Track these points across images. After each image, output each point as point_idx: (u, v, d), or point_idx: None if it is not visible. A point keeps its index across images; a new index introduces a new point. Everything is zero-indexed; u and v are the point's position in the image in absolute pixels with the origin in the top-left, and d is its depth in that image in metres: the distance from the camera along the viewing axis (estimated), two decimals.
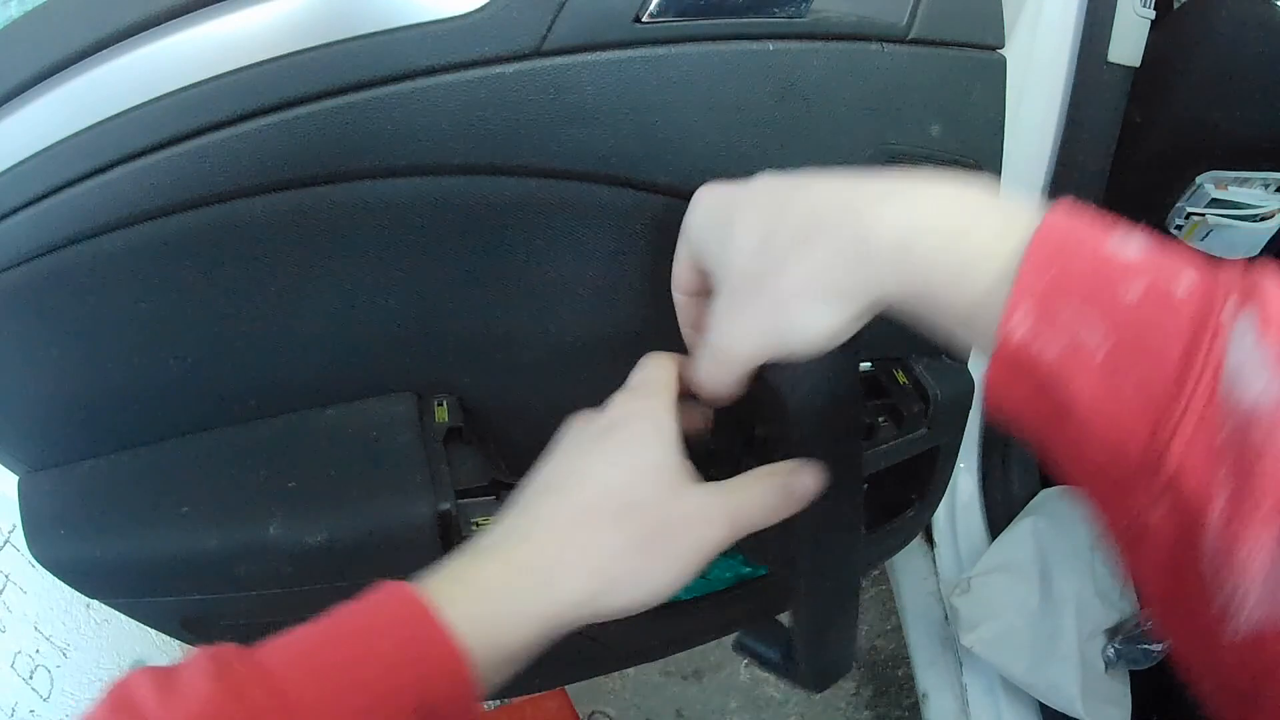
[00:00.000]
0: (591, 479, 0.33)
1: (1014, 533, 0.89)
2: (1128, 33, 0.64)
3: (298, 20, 0.41)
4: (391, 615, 0.29)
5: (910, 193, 0.28)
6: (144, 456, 0.54)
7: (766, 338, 0.32)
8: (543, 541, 0.32)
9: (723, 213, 0.34)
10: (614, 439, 0.35)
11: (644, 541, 0.32)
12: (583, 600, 0.32)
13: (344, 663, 0.28)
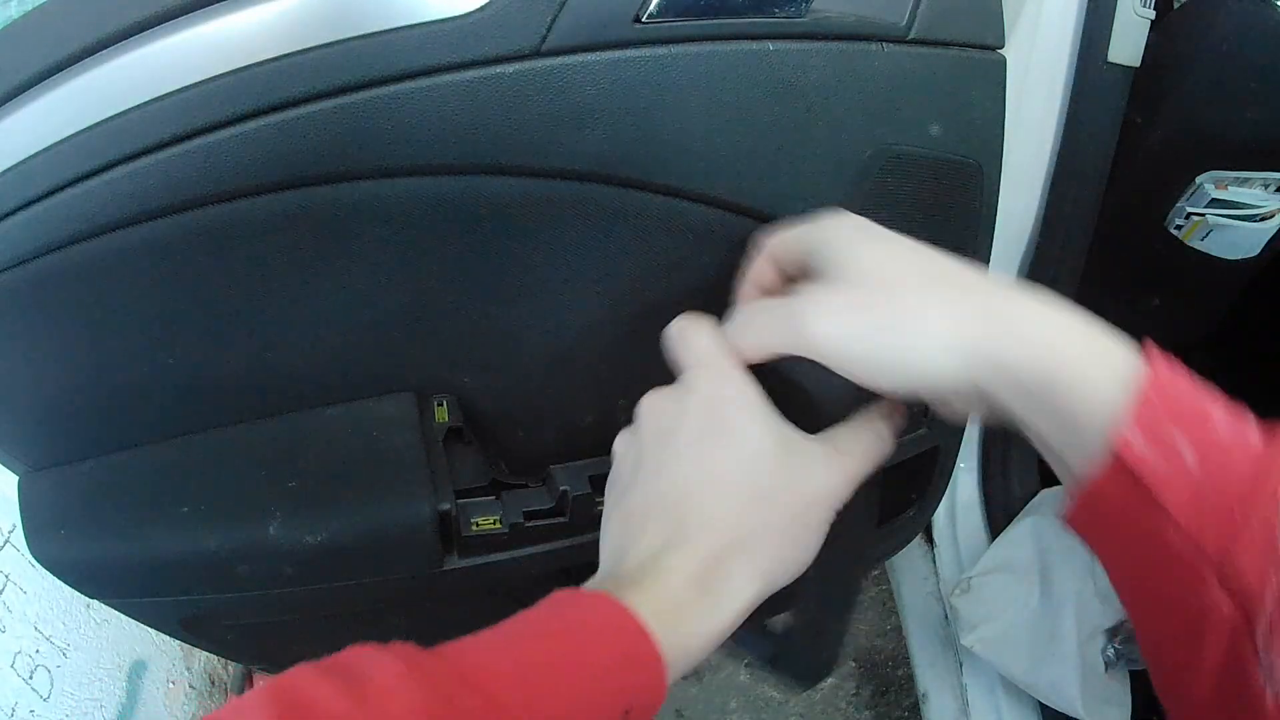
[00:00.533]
0: (720, 471, 0.33)
1: (1014, 533, 0.89)
2: (1128, 33, 0.64)
3: (298, 20, 0.41)
4: (601, 622, 0.29)
5: (1034, 301, 0.31)
6: (144, 456, 0.54)
7: (868, 345, 0.31)
8: (702, 545, 0.32)
9: (854, 227, 0.35)
10: (717, 438, 0.34)
11: (787, 528, 0.33)
12: (751, 604, 0.33)
13: (550, 665, 0.28)
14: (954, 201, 0.55)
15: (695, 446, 0.34)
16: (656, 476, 0.35)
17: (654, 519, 0.34)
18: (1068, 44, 0.64)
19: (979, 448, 0.90)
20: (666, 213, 0.48)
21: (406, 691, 0.25)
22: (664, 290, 0.52)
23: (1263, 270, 0.87)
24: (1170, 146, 0.78)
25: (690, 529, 0.32)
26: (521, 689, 0.27)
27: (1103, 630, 0.84)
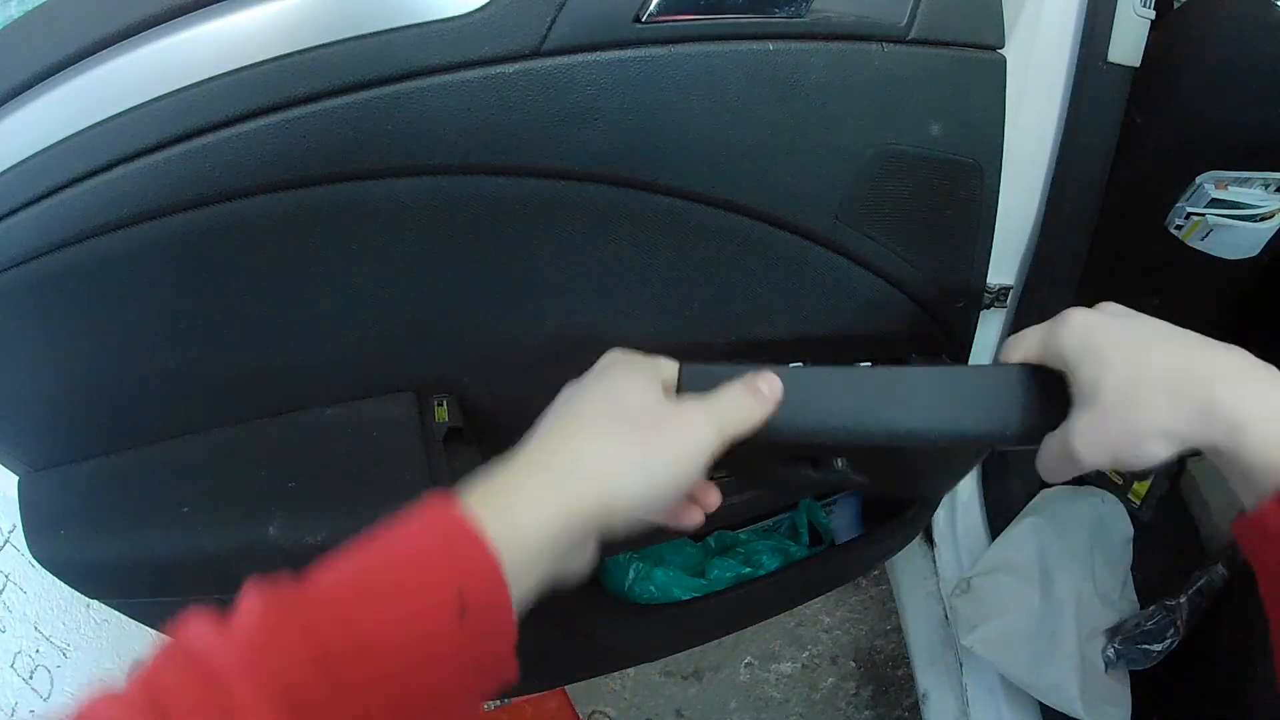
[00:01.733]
0: (591, 397, 0.38)
1: (1014, 533, 0.89)
2: (1128, 33, 0.64)
3: (298, 20, 0.41)
4: (427, 519, 0.32)
5: (1245, 379, 0.37)
6: (144, 456, 0.54)
7: (1115, 456, 0.39)
8: (554, 445, 0.36)
9: (1093, 339, 0.40)
10: (606, 376, 0.39)
11: (643, 436, 0.36)
12: (595, 490, 0.34)
13: (378, 561, 0.31)
14: (954, 201, 0.55)
15: (578, 388, 0.39)
16: (545, 415, 0.39)
17: (542, 428, 0.37)
18: (1068, 44, 0.64)
19: None
20: (666, 212, 0.48)
21: (255, 610, 0.29)
22: (663, 290, 0.52)
23: (1263, 270, 0.87)
24: (1170, 146, 0.78)
25: (557, 429, 0.36)
26: (354, 589, 0.30)
27: (1103, 630, 0.84)
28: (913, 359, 0.60)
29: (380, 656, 0.28)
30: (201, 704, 0.26)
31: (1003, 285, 0.76)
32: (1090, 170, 0.69)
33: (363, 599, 0.29)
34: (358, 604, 0.29)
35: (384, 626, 0.29)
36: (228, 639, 0.28)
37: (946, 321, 0.60)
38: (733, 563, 0.95)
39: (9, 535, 0.88)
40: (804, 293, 0.54)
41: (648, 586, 0.89)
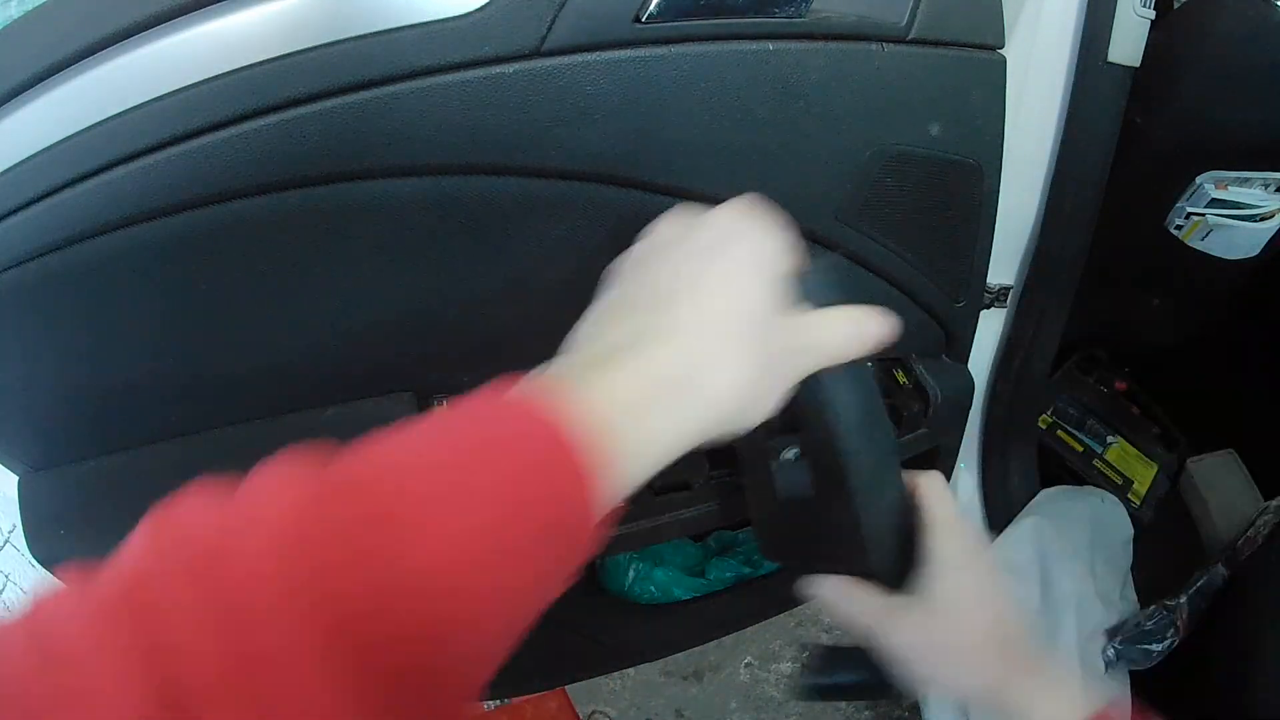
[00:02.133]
0: (724, 288, 0.31)
1: (1014, 533, 0.89)
2: (1128, 33, 0.64)
3: (298, 20, 0.41)
4: (519, 430, 0.26)
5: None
6: (144, 456, 0.54)
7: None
8: (686, 349, 0.29)
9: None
10: (734, 251, 0.32)
11: (770, 360, 0.31)
12: (712, 419, 0.30)
13: (461, 475, 0.24)
14: (954, 201, 0.55)
15: (694, 257, 0.32)
16: (643, 276, 0.33)
17: (640, 308, 0.31)
18: (1068, 44, 0.64)
19: (979, 448, 0.90)
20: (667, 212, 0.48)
21: (290, 498, 0.23)
22: None
23: (1263, 270, 0.87)
24: (1170, 146, 0.78)
25: (678, 324, 0.30)
26: (423, 494, 0.24)
27: (1103, 631, 0.84)
28: (913, 359, 0.60)
29: (435, 577, 0.23)
30: (204, 609, 0.20)
31: (1003, 285, 0.76)
32: (1090, 170, 0.69)
33: (430, 508, 0.24)
34: (422, 512, 0.23)
35: (447, 544, 0.23)
36: (239, 534, 0.22)
37: (946, 321, 0.60)
38: (733, 563, 0.95)
39: (9, 535, 0.88)
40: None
41: (648, 586, 0.89)
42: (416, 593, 0.23)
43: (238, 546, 0.22)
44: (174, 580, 0.21)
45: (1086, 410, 1.07)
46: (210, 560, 0.21)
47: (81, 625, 0.20)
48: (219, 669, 0.20)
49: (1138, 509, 1.00)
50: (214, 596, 0.21)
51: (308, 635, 0.21)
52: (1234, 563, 0.86)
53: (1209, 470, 1.05)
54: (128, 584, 0.21)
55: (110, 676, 0.19)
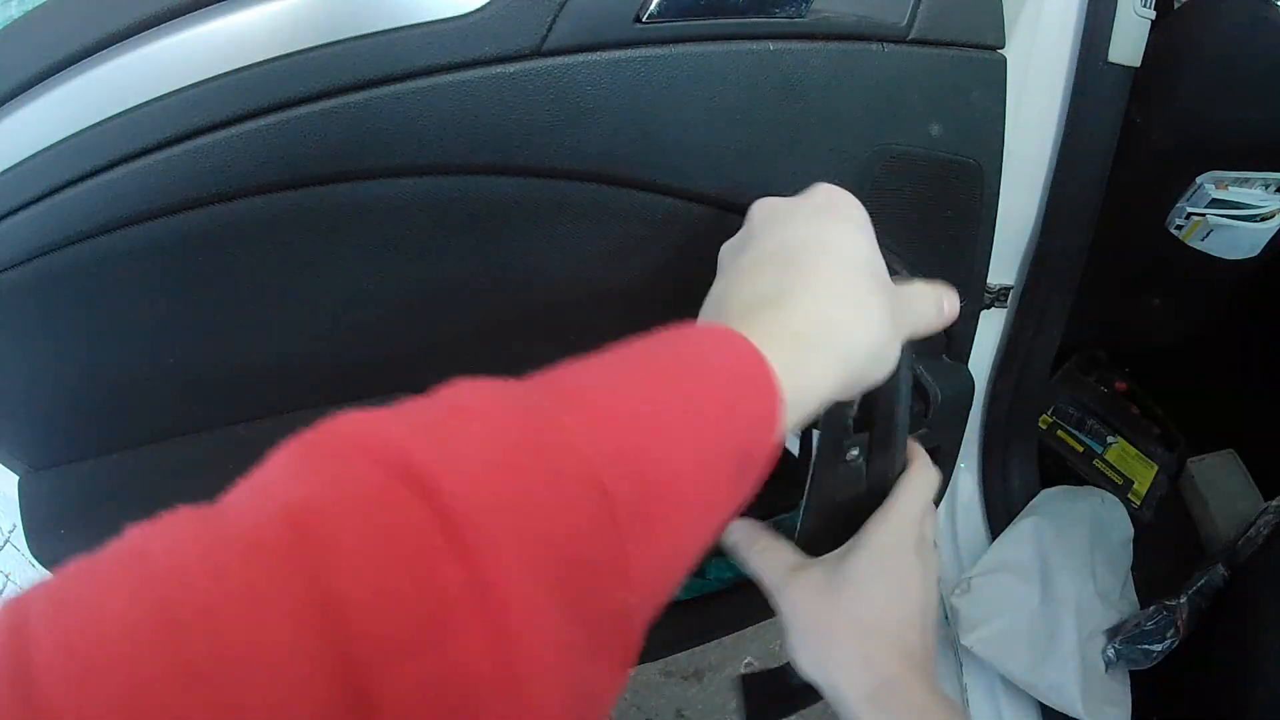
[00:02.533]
0: (847, 247, 0.33)
1: (1014, 533, 0.89)
2: (1128, 33, 0.63)
3: (298, 20, 0.41)
4: (719, 354, 0.27)
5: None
6: (144, 456, 0.54)
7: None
8: (828, 302, 0.31)
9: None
10: (838, 215, 0.34)
11: (892, 319, 0.33)
12: (862, 369, 0.31)
13: (677, 405, 0.24)
14: (954, 201, 0.55)
15: (813, 219, 0.34)
16: (769, 238, 0.34)
17: (769, 267, 0.32)
18: (1068, 44, 0.64)
19: (979, 448, 0.90)
20: (667, 212, 0.48)
21: (501, 412, 0.21)
22: (664, 289, 0.52)
23: (1263, 270, 0.87)
24: (1170, 146, 0.78)
25: (808, 279, 0.31)
26: (634, 424, 0.23)
27: (1103, 630, 0.84)
28: (913, 359, 0.60)
29: (667, 507, 0.22)
30: (417, 547, 0.17)
31: (1003, 285, 0.75)
32: (1090, 170, 0.69)
33: (652, 436, 0.23)
34: (646, 439, 0.23)
35: (674, 474, 0.23)
36: (466, 468, 0.18)
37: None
38: (733, 562, 0.94)
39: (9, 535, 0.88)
40: None
41: None
42: (638, 512, 0.21)
43: (447, 485, 0.18)
44: (346, 516, 0.17)
45: (1086, 410, 1.07)
46: (399, 502, 0.17)
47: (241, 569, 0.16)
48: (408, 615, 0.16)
49: (1138, 509, 1.00)
50: (403, 547, 0.17)
51: (540, 584, 0.18)
52: (1234, 563, 0.86)
53: (1209, 470, 1.05)
54: (293, 516, 0.17)
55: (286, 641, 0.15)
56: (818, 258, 0.32)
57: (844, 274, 0.32)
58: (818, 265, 0.31)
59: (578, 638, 0.19)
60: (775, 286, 0.31)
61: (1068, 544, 0.88)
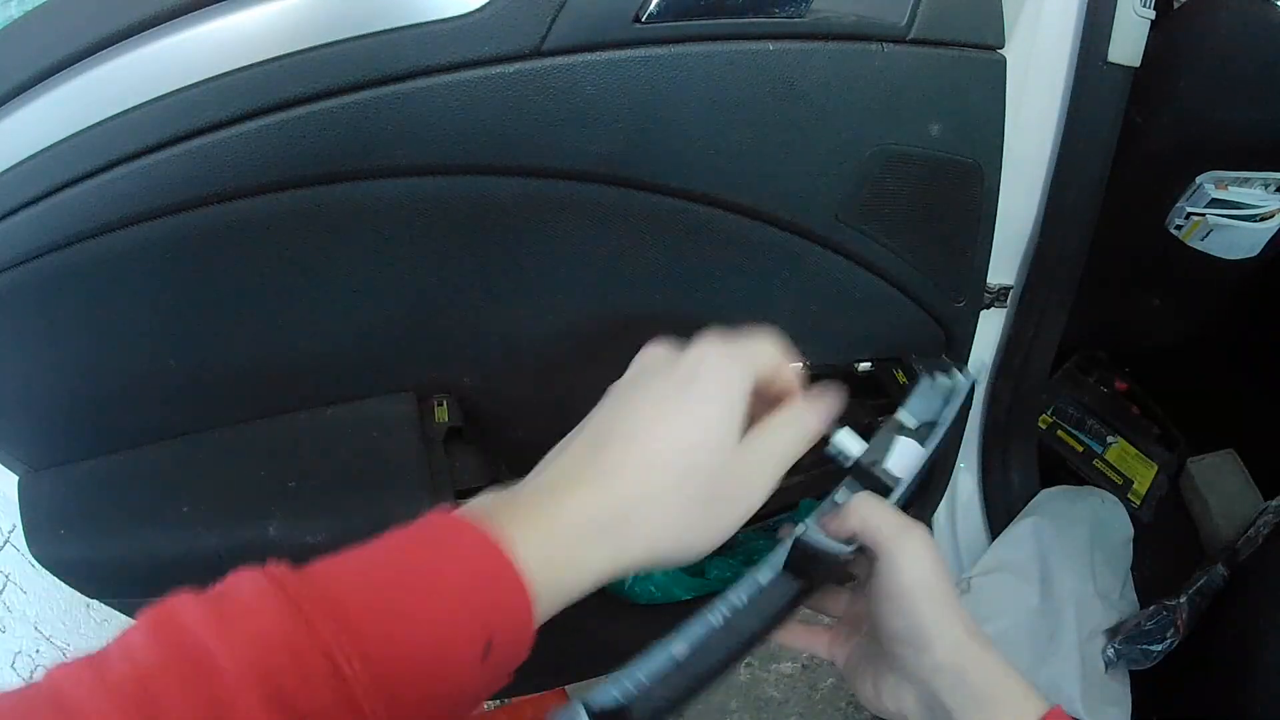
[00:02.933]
0: (665, 433, 0.34)
1: (1014, 533, 0.89)
2: (1128, 33, 0.63)
3: (298, 20, 0.41)
4: (462, 549, 0.29)
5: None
6: (144, 456, 0.54)
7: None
8: (616, 492, 0.32)
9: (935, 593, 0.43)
10: (690, 393, 0.35)
11: (706, 502, 0.34)
12: (646, 556, 0.33)
13: (412, 594, 0.28)
14: (954, 201, 0.55)
15: (658, 397, 0.35)
16: (615, 407, 0.36)
17: (591, 441, 0.34)
18: (1068, 44, 0.64)
19: (979, 448, 0.90)
20: (667, 212, 0.48)
21: (267, 612, 0.26)
22: (664, 290, 0.52)
23: (1263, 270, 0.87)
24: (1170, 146, 0.78)
25: (619, 470, 0.33)
26: (380, 615, 0.27)
27: (1103, 630, 0.84)
28: (912, 359, 0.60)
29: (403, 686, 0.27)
30: (194, 702, 0.24)
31: (1003, 285, 0.76)
32: (1090, 170, 0.69)
33: (386, 621, 0.27)
34: (380, 623, 0.27)
35: (404, 653, 0.27)
36: (228, 634, 0.25)
37: (946, 321, 0.60)
38: (733, 562, 0.95)
39: (9, 535, 0.88)
40: (804, 293, 0.54)
41: (648, 586, 0.88)
42: (371, 682, 0.26)
43: (228, 647, 0.25)
44: (172, 678, 0.24)
45: (1086, 410, 1.07)
46: (203, 664, 0.25)
47: (103, 708, 0.23)
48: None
49: (1138, 509, 1.00)
50: (205, 696, 0.24)
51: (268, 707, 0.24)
52: (1234, 563, 0.86)
53: (1209, 470, 1.05)
54: (138, 676, 0.24)
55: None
56: (622, 450, 0.33)
57: (645, 467, 0.33)
58: (619, 460, 0.33)
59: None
60: (580, 468, 0.33)
61: (1068, 544, 0.88)
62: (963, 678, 0.40)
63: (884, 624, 0.43)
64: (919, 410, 0.55)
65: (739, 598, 0.46)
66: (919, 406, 0.55)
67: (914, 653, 0.41)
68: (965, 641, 0.41)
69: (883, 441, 0.51)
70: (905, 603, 0.41)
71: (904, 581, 0.41)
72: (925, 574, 0.41)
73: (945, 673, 0.40)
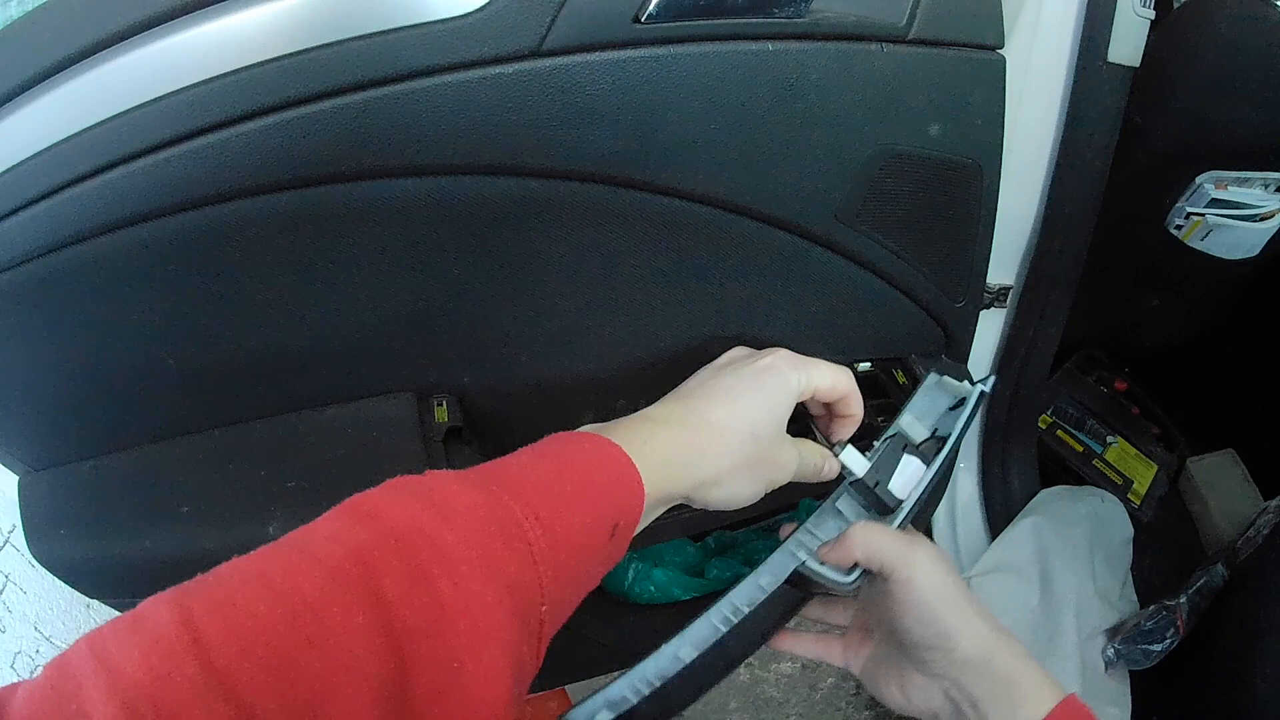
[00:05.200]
0: (741, 405, 0.45)
1: (1014, 533, 0.89)
2: (1127, 33, 0.64)
3: (298, 20, 0.41)
4: (599, 455, 0.39)
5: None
6: (144, 456, 0.54)
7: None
8: (697, 437, 0.43)
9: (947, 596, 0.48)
10: (762, 382, 0.46)
11: (752, 464, 0.45)
12: (704, 483, 0.43)
13: (570, 485, 0.37)
14: (954, 201, 0.55)
15: (741, 377, 0.46)
16: (705, 379, 0.48)
17: (685, 398, 0.46)
18: (1067, 44, 0.64)
19: (979, 448, 0.90)
20: (666, 212, 0.48)
21: (466, 492, 0.33)
22: (663, 290, 0.52)
23: (1263, 270, 0.87)
24: (1170, 146, 0.78)
25: (701, 425, 0.44)
26: (551, 499, 0.35)
27: (1102, 630, 0.85)
28: (911, 359, 0.60)
29: (566, 553, 0.35)
30: (415, 573, 0.29)
31: (1003, 285, 0.76)
32: (1090, 170, 0.69)
33: (558, 507, 0.35)
34: (552, 506, 0.35)
35: (570, 531, 0.35)
36: (453, 525, 0.31)
37: (946, 321, 0.60)
38: (732, 562, 0.95)
39: (9, 535, 0.89)
40: (803, 293, 0.54)
41: (647, 586, 0.89)
42: (552, 557, 0.34)
43: (443, 535, 0.31)
44: (383, 550, 0.30)
45: (1086, 410, 1.07)
46: (411, 538, 0.30)
47: (313, 582, 0.28)
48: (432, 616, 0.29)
49: (1138, 509, 1.00)
50: (420, 570, 0.30)
51: (485, 584, 0.31)
52: (1234, 563, 0.86)
53: (1209, 470, 1.05)
54: (352, 552, 0.29)
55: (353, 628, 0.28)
56: (708, 409, 0.44)
57: (717, 424, 0.44)
58: (705, 415, 0.44)
59: (515, 625, 0.31)
60: (675, 416, 0.44)
61: (1067, 544, 0.88)
62: (989, 667, 0.44)
63: (906, 633, 0.46)
64: (924, 412, 0.55)
65: (742, 601, 0.47)
66: (924, 407, 0.55)
67: (941, 654, 0.45)
68: (988, 633, 0.45)
69: (888, 460, 0.51)
70: (925, 611, 0.45)
71: (920, 595, 0.45)
72: (939, 582, 0.45)
73: (972, 665, 0.44)
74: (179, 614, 0.26)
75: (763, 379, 0.46)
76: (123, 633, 0.26)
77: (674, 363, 0.55)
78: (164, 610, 0.27)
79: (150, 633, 0.26)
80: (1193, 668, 0.82)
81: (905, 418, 0.54)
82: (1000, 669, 0.44)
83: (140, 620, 0.27)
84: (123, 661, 0.25)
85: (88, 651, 0.26)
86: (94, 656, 0.25)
